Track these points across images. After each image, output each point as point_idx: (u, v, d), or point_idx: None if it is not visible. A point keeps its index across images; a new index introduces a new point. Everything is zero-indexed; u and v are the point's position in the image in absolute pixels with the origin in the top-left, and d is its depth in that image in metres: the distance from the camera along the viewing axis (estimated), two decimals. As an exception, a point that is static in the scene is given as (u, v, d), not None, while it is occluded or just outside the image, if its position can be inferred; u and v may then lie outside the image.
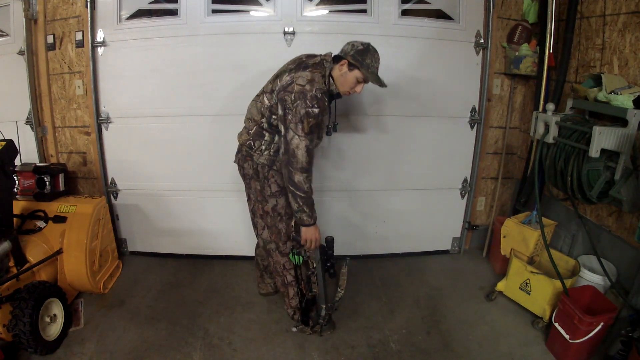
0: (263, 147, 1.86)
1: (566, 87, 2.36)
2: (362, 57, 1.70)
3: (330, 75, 1.76)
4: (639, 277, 1.82)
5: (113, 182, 2.72)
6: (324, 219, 2.59)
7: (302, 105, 1.65)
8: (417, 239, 2.92)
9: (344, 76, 1.75)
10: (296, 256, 1.91)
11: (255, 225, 2.09)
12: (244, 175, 1.98)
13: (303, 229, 1.82)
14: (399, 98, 2.57)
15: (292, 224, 1.91)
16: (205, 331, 2.09)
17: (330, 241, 1.87)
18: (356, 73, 1.73)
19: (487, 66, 2.57)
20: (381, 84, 1.76)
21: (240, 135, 1.95)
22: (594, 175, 1.82)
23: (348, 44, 1.76)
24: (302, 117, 1.65)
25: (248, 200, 2.05)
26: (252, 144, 1.87)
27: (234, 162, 2.01)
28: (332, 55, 1.80)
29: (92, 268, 2.26)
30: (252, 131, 1.88)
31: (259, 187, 1.91)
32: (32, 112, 2.56)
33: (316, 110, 1.66)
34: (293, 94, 1.67)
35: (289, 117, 1.67)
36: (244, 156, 1.92)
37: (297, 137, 1.66)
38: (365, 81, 1.77)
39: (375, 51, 1.76)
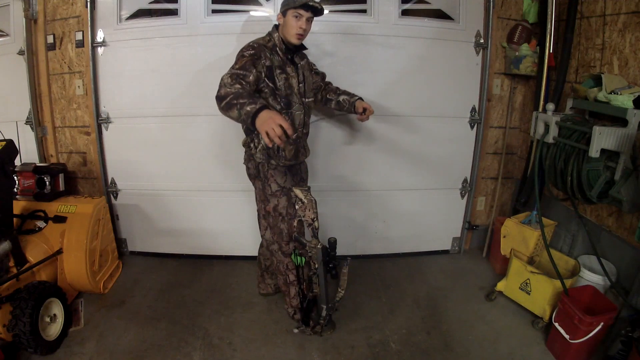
0: (256, 141, 1.89)
1: (566, 87, 2.36)
2: (286, 0, 1.79)
3: (280, 37, 1.84)
4: (639, 277, 1.82)
5: (113, 182, 2.72)
6: (325, 218, 2.59)
7: (240, 53, 1.76)
8: (417, 239, 2.92)
9: (285, 24, 1.81)
10: (298, 257, 1.91)
11: (259, 226, 2.11)
12: (249, 176, 2.02)
13: (257, 124, 1.44)
14: (399, 98, 2.57)
15: (295, 224, 1.91)
16: (205, 331, 2.09)
17: (332, 242, 1.87)
18: (289, 13, 1.79)
19: (487, 66, 2.57)
20: (310, 3, 1.76)
21: (243, 140, 2.00)
22: (594, 175, 1.82)
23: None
24: (236, 60, 1.73)
25: (256, 200, 2.07)
26: (250, 142, 1.91)
27: (243, 163, 2.02)
28: (274, 25, 1.90)
29: (92, 268, 2.26)
30: (244, 127, 1.93)
31: (261, 186, 1.94)
32: (32, 112, 2.56)
33: (251, 51, 1.74)
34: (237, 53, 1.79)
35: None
36: (248, 157, 1.97)
37: (225, 73, 1.66)
38: (300, 14, 1.78)
39: None
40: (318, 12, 1.82)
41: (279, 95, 1.82)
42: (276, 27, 1.87)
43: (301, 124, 1.94)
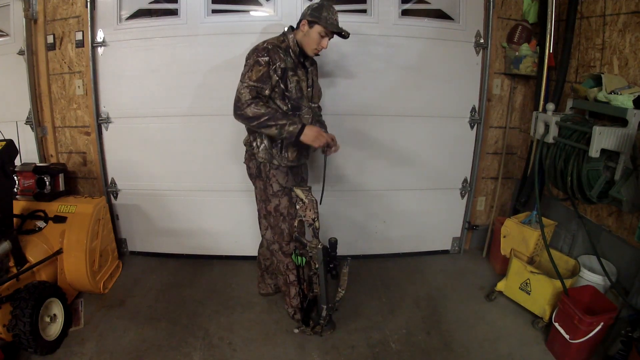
0: (258, 141, 1.88)
1: (566, 87, 2.36)
2: (318, 12, 1.77)
3: (295, 39, 1.83)
4: (639, 277, 1.82)
5: (113, 182, 2.72)
6: (326, 219, 2.59)
7: (253, 57, 1.74)
8: (417, 239, 2.92)
9: (307, 35, 1.80)
10: (299, 257, 1.91)
11: (260, 226, 2.10)
12: (250, 175, 2.01)
13: (304, 139, 1.73)
14: (399, 98, 2.57)
15: (295, 224, 1.91)
16: (205, 331, 2.09)
17: (333, 243, 1.87)
18: (317, 28, 1.78)
19: (487, 66, 2.57)
20: (342, 32, 1.81)
21: (245, 138, 1.99)
22: (594, 175, 1.82)
23: (305, 8, 1.83)
24: (251, 66, 1.72)
25: (256, 200, 2.06)
26: (252, 141, 1.90)
27: (243, 162, 2.02)
28: (289, 26, 1.89)
29: (92, 268, 2.26)
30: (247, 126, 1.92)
31: (262, 186, 1.94)
32: (32, 112, 2.56)
33: (266, 59, 1.72)
34: (248, 53, 1.79)
35: (243, 71, 1.75)
36: (249, 156, 1.97)
37: (242, 83, 1.71)
38: (327, 35, 1.81)
39: (331, 5, 1.81)
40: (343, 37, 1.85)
41: (288, 97, 1.82)
42: (292, 28, 1.87)
43: None
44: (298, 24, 1.84)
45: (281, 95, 1.80)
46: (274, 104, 1.81)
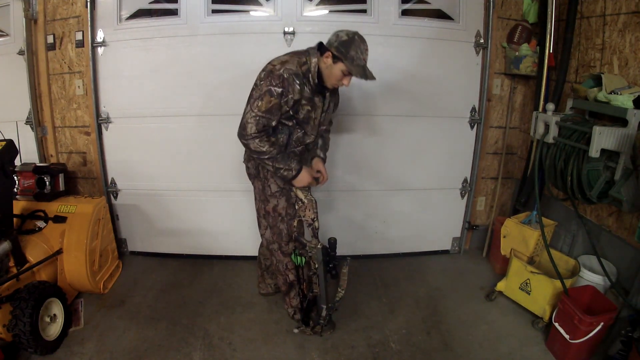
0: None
1: (566, 87, 2.36)
2: (345, 48, 1.61)
3: (317, 65, 1.70)
4: (639, 277, 1.82)
5: (113, 182, 2.72)
6: (326, 219, 2.60)
7: (266, 83, 1.64)
8: (417, 239, 2.92)
9: (329, 69, 1.68)
10: (298, 257, 1.91)
11: (259, 225, 2.10)
12: (249, 175, 2.00)
13: (295, 183, 1.81)
14: (400, 98, 2.57)
15: (295, 224, 1.91)
16: (205, 331, 2.09)
17: (333, 243, 1.87)
18: (340, 66, 1.65)
19: (487, 66, 2.57)
20: (367, 77, 1.67)
21: None
22: (594, 175, 1.82)
23: (334, 34, 1.67)
24: (262, 94, 1.64)
25: (255, 200, 2.06)
26: None
27: (242, 161, 2.01)
28: (318, 43, 1.72)
29: (92, 268, 2.26)
30: None
31: (261, 186, 1.93)
32: (32, 112, 2.56)
33: (279, 90, 1.62)
34: (264, 72, 1.69)
35: (253, 93, 1.69)
36: (248, 156, 1.96)
37: (251, 111, 1.66)
38: (351, 74, 1.68)
39: (362, 41, 1.65)
40: None
41: (296, 119, 1.77)
42: (321, 45, 1.70)
43: (304, 143, 1.89)
44: (324, 50, 1.68)
45: (290, 117, 1.76)
46: (280, 124, 1.77)
